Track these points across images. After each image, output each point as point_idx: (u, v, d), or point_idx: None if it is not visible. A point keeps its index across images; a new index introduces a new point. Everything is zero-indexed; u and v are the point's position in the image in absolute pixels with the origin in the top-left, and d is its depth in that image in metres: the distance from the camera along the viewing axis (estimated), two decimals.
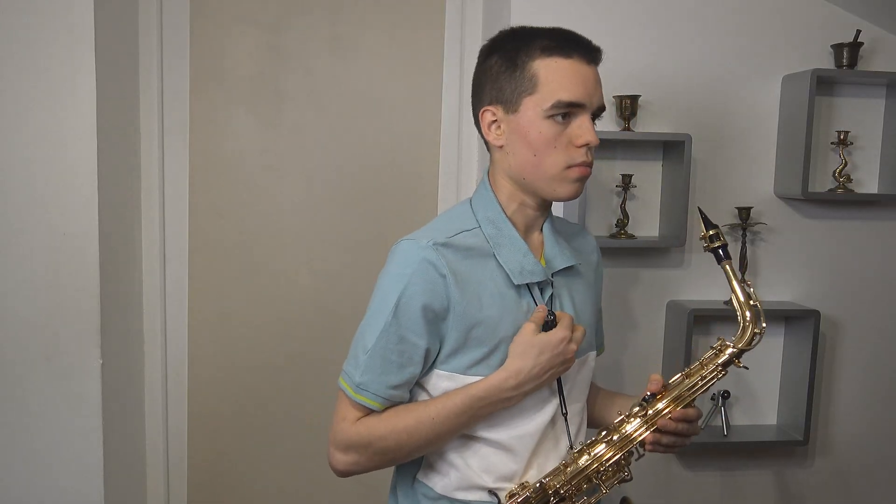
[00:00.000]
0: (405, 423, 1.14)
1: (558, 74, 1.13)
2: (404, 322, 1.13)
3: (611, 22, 1.95)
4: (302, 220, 2.11)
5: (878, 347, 2.15)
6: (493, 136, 1.20)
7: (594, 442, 1.20)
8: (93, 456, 1.76)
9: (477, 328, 1.14)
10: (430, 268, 1.12)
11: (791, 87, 1.98)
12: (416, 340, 1.13)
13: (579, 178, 1.16)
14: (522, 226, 1.24)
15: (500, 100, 1.17)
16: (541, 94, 1.14)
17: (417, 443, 1.15)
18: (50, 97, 1.66)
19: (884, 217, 2.11)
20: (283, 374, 2.14)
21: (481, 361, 1.16)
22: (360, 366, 1.15)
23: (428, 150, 2.14)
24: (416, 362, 1.15)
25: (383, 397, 1.15)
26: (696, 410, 1.23)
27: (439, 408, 1.14)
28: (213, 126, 2.05)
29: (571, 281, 1.27)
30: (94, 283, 1.72)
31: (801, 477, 2.17)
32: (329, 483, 2.17)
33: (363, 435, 1.15)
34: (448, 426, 1.14)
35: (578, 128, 1.15)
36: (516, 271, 1.17)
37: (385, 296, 1.14)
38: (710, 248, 1.23)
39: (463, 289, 1.13)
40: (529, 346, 1.12)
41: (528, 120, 1.15)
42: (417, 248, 1.13)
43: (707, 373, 1.22)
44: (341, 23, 2.07)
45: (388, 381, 1.14)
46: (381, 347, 1.14)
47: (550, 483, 1.17)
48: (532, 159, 1.16)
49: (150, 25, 1.96)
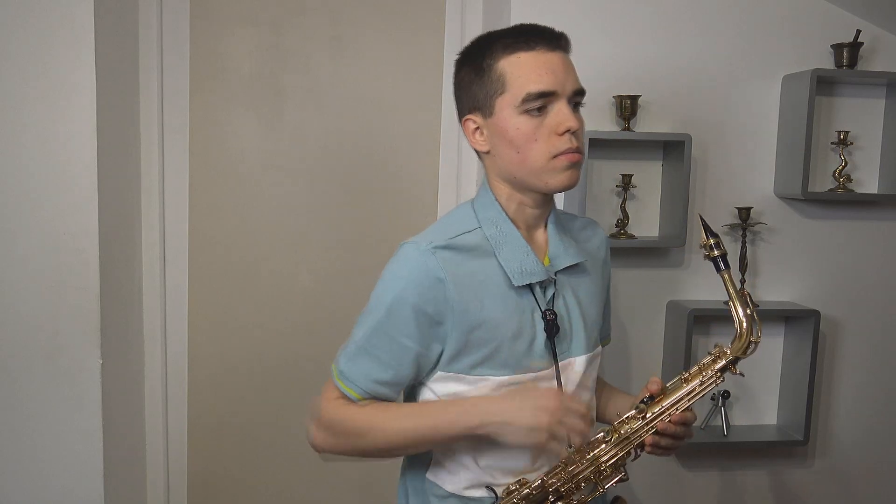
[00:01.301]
0: (377, 419, 1.17)
1: (523, 69, 1.14)
2: (395, 324, 1.15)
3: (611, 22, 1.95)
4: (302, 220, 2.11)
5: (878, 347, 2.15)
6: (478, 143, 1.21)
7: (594, 442, 1.20)
8: (93, 456, 1.76)
9: (478, 329, 1.15)
10: (427, 272, 1.13)
11: (791, 87, 1.98)
12: (405, 342, 1.15)
13: (568, 165, 1.16)
14: (524, 225, 1.24)
15: (477, 107, 1.19)
16: (510, 92, 1.15)
17: (385, 442, 1.17)
18: (50, 97, 1.66)
19: (884, 217, 2.11)
20: (283, 373, 2.14)
21: (484, 362, 1.16)
22: (348, 355, 1.19)
23: (428, 150, 2.14)
24: (404, 364, 1.17)
25: (363, 389, 1.17)
26: (693, 414, 1.23)
27: (406, 414, 1.16)
28: (213, 126, 2.05)
29: (577, 278, 1.26)
30: (94, 283, 1.72)
31: (801, 477, 2.17)
32: (329, 483, 2.17)
33: (337, 417, 1.19)
34: (415, 439, 1.16)
35: (556, 115, 1.14)
36: (517, 272, 1.18)
37: (380, 295, 1.17)
38: (710, 257, 1.23)
39: (462, 291, 1.14)
40: (523, 389, 1.14)
41: (504, 119, 1.16)
42: (416, 252, 1.15)
43: (705, 377, 1.22)
44: (341, 23, 2.07)
45: (372, 376, 1.17)
46: (369, 344, 1.17)
47: (550, 481, 1.17)
48: (516, 157, 1.16)
49: (150, 25, 1.96)
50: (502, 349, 1.16)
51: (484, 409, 1.12)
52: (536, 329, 1.19)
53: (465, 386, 1.18)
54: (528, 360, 1.18)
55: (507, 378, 1.17)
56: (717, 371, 1.21)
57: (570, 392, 1.22)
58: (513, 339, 1.17)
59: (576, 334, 1.24)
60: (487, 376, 1.17)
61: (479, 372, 1.16)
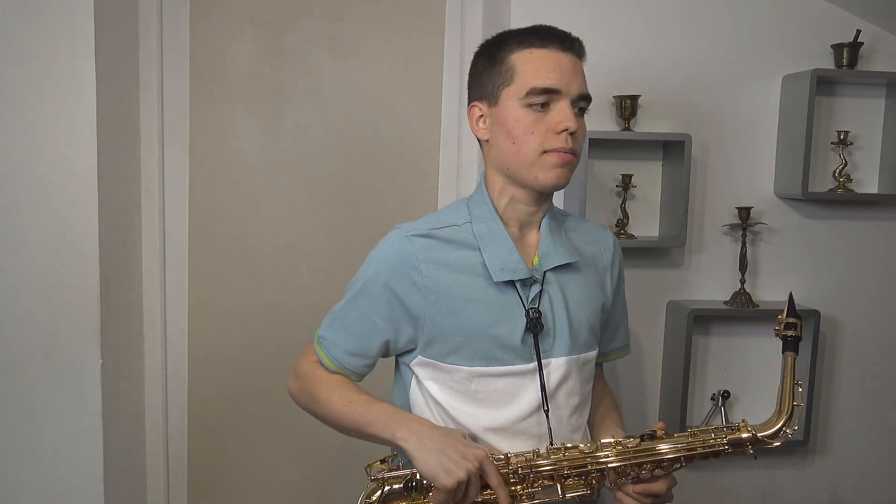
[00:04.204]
0: (334, 394, 1.24)
1: (533, 63, 1.18)
2: (367, 300, 1.23)
3: (611, 22, 1.95)
4: (302, 220, 2.11)
5: (878, 347, 2.15)
6: (480, 131, 1.25)
7: (573, 448, 1.17)
8: (93, 456, 1.76)
9: (449, 318, 1.19)
10: (401, 255, 1.21)
11: (791, 87, 1.98)
12: (375, 319, 1.23)
13: (559, 163, 1.18)
14: (516, 223, 1.26)
15: (484, 95, 1.23)
16: (517, 84, 1.18)
17: (332, 418, 1.24)
18: (50, 97, 1.66)
19: (884, 217, 2.11)
20: (284, 373, 2.12)
21: (456, 352, 1.20)
22: (327, 322, 1.30)
23: (428, 150, 2.14)
24: (372, 339, 1.24)
25: (335, 358, 1.27)
26: (664, 487, 1.18)
27: (358, 401, 1.21)
28: (213, 126, 2.05)
29: (568, 279, 1.26)
30: (94, 283, 1.72)
31: (801, 477, 2.17)
32: (330, 482, 2.17)
33: (307, 376, 1.29)
34: (354, 423, 1.21)
35: (557, 114, 1.17)
36: (497, 268, 1.20)
37: (361, 272, 1.26)
38: (781, 335, 1.21)
39: (435, 278, 1.19)
40: (450, 435, 1.14)
41: (507, 109, 1.19)
42: (397, 237, 1.23)
43: (712, 440, 1.17)
44: (341, 23, 2.07)
45: (343, 346, 1.26)
46: (344, 315, 1.27)
47: (514, 459, 1.15)
48: (511, 147, 1.20)
49: (150, 25, 1.96)
50: (476, 340, 1.19)
51: (415, 427, 1.15)
52: (516, 325, 1.20)
53: (441, 374, 1.22)
54: (502, 354, 1.20)
55: (479, 369, 1.20)
56: (728, 441, 1.17)
57: (550, 391, 1.22)
58: (487, 331, 1.19)
59: (559, 335, 1.23)
60: (461, 366, 1.20)
61: (452, 361, 1.21)
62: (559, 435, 1.23)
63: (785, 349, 1.21)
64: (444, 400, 1.23)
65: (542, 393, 1.22)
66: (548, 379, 1.22)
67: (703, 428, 1.19)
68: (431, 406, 1.24)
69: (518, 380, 1.21)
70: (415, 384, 1.27)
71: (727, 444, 1.17)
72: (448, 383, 1.22)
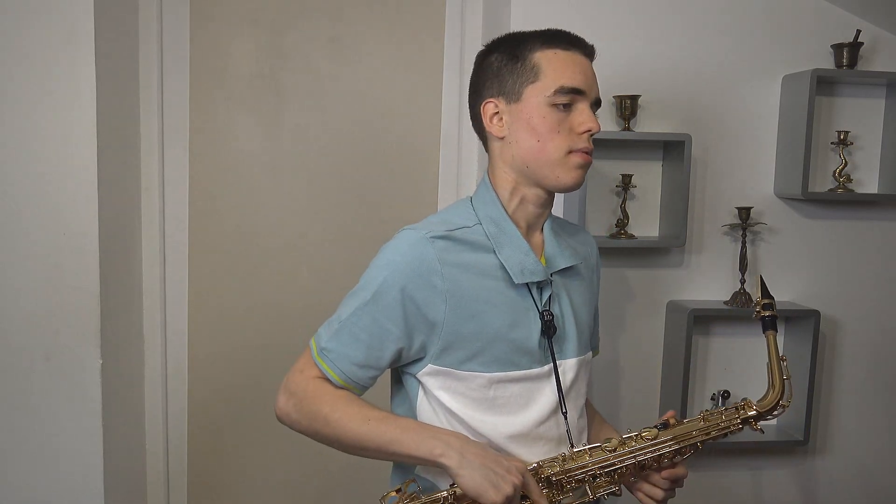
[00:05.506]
0: (349, 411, 1.14)
1: (560, 63, 1.18)
2: (381, 306, 1.15)
3: (611, 22, 1.95)
4: (302, 220, 2.11)
5: (878, 347, 2.15)
6: (495, 128, 1.22)
7: (597, 448, 1.19)
8: (93, 456, 1.76)
9: (469, 323, 1.15)
10: (422, 259, 1.14)
11: (791, 87, 1.98)
12: (389, 326, 1.15)
13: (581, 164, 1.19)
14: (524, 224, 1.25)
15: (502, 91, 1.21)
16: (543, 82, 1.17)
17: (348, 437, 1.14)
18: (50, 98, 1.66)
19: (884, 217, 2.11)
20: (284, 373, 2.13)
21: (474, 358, 1.16)
22: (331, 332, 1.19)
23: (428, 150, 2.14)
24: (385, 348, 1.16)
25: (342, 370, 1.17)
26: (685, 471, 1.24)
27: (376, 417, 1.14)
28: (213, 126, 2.05)
29: (570, 281, 1.28)
30: (94, 283, 1.72)
31: (801, 477, 2.17)
32: (330, 482, 2.17)
33: (308, 395, 1.17)
34: (375, 441, 1.13)
35: (580, 115, 1.18)
36: (517, 270, 1.18)
37: (371, 276, 1.17)
38: (759, 316, 1.27)
39: (456, 282, 1.15)
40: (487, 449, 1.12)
41: (532, 107, 1.18)
42: (415, 238, 1.16)
43: (723, 422, 1.23)
44: (341, 23, 2.07)
45: (351, 357, 1.17)
46: (352, 323, 1.17)
47: (544, 469, 1.16)
48: (536, 145, 1.18)
49: (150, 26, 1.96)
50: (494, 345, 1.16)
51: (453, 442, 1.10)
52: (531, 328, 1.19)
53: (455, 382, 1.17)
54: (519, 358, 1.18)
55: (497, 374, 1.17)
56: (738, 420, 1.23)
57: (565, 393, 1.22)
58: (506, 335, 1.17)
59: (569, 337, 1.24)
60: (478, 372, 1.16)
61: (469, 367, 1.16)
62: (571, 437, 1.23)
63: (765, 329, 1.26)
64: (460, 410, 1.18)
65: (560, 395, 1.21)
66: (563, 381, 1.22)
67: (712, 411, 1.24)
68: (443, 418, 1.19)
69: (533, 384, 1.20)
70: (422, 396, 1.21)
71: (740, 422, 1.23)
72: (463, 391, 1.18)
